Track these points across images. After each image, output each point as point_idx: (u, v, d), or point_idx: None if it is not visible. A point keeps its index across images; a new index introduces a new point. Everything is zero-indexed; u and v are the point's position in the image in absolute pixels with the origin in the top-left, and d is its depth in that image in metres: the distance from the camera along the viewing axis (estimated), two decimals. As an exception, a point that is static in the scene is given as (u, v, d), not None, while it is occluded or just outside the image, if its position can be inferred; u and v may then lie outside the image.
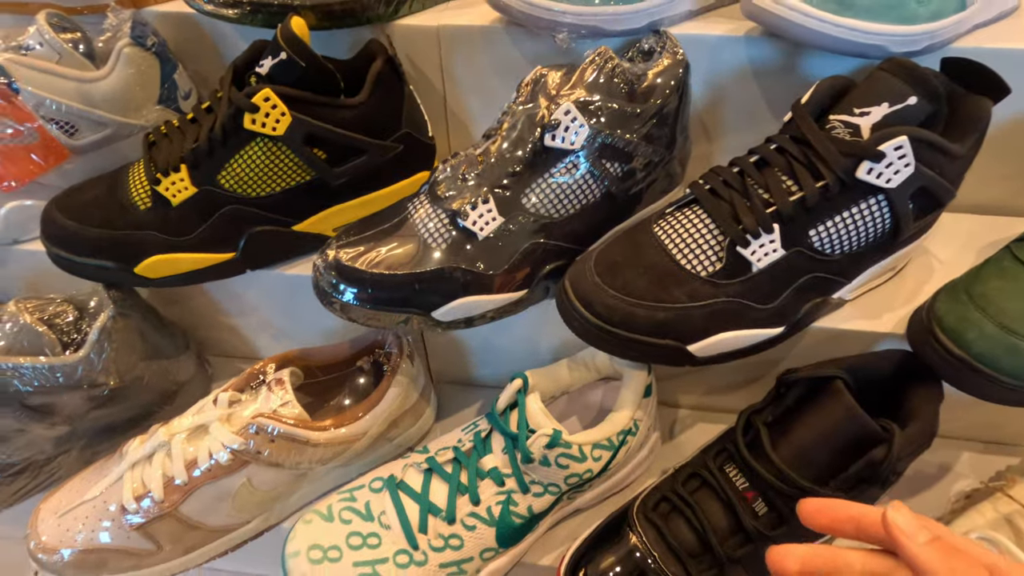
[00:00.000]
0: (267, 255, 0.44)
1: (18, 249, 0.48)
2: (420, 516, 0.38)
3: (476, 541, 0.38)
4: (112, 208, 0.41)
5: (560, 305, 0.38)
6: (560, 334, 0.48)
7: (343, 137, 0.41)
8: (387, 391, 0.43)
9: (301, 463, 0.41)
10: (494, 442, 0.40)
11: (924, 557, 0.22)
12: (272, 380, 0.41)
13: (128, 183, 0.42)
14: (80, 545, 0.39)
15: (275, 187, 0.42)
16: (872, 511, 0.24)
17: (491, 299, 0.39)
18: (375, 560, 0.37)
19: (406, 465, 0.41)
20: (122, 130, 0.45)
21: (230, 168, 0.40)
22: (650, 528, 0.37)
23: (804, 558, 0.24)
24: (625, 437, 0.41)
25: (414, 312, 0.38)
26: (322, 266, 0.38)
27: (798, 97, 0.37)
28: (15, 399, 0.41)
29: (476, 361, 0.52)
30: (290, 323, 0.51)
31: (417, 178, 0.46)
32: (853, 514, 0.24)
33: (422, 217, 0.39)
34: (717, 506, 0.37)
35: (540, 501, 0.39)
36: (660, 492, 0.39)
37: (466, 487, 0.39)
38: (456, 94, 0.49)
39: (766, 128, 0.40)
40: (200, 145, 0.40)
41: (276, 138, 0.39)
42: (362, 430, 0.42)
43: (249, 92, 0.38)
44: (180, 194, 0.41)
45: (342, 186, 0.43)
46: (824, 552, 0.24)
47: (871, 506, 0.24)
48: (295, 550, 0.37)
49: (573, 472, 0.39)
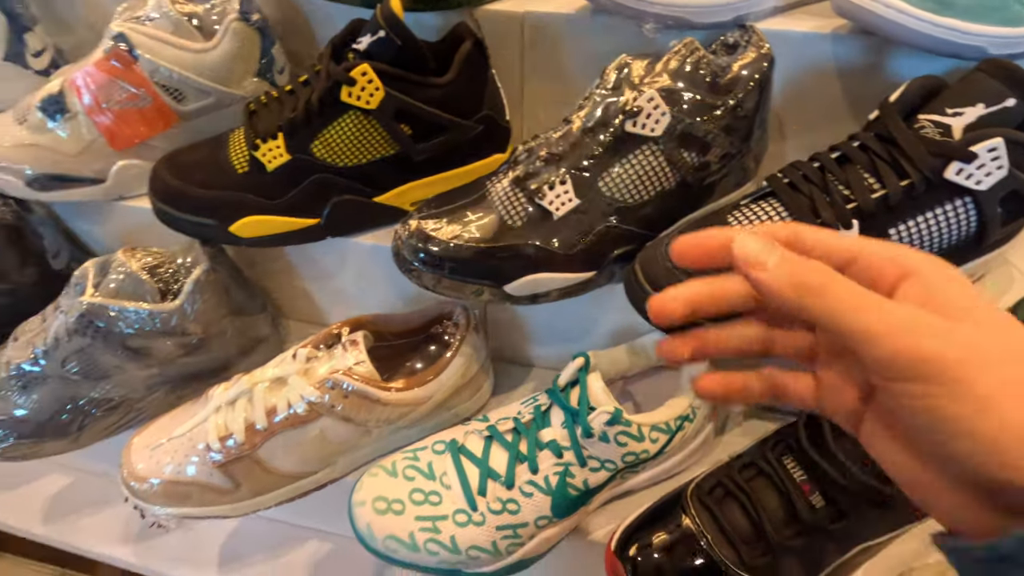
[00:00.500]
0: (347, 223, 0.47)
1: (122, 205, 0.52)
2: (480, 480, 0.40)
3: (532, 508, 0.40)
4: (213, 170, 0.45)
5: (628, 287, 0.39)
6: (619, 319, 0.50)
7: (429, 114, 0.42)
8: (453, 360, 0.45)
9: (369, 421, 0.43)
10: (553, 416, 0.41)
11: (770, 285, 0.21)
12: (347, 341, 0.44)
13: (228, 148, 0.45)
14: (168, 476, 0.43)
15: (362, 159, 0.44)
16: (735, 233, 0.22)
17: (561, 277, 0.40)
18: (435, 516, 0.39)
19: (467, 432, 0.43)
20: (224, 99, 0.49)
21: (323, 138, 0.43)
22: (704, 511, 0.38)
23: (686, 295, 0.23)
24: (682, 423, 0.42)
25: (487, 284, 0.40)
26: (404, 235, 0.40)
27: (886, 96, 0.37)
28: (118, 340, 0.45)
29: (534, 341, 0.54)
30: (361, 291, 0.53)
31: (492, 160, 0.48)
32: (723, 240, 0.22)
33: (500, 195, 0.41)
34: (773, 495, 0.37)
35: (596, 476, 0.40)
36: (715, 478, 0.39)
37: (525, 456, 0.40)
38: (534, 81, 0.50)
39: (844, 128, 0.40)
40: (297, 115, 0.42)
41: (369, 111, 0.41)
42: (427, 395, 0.44)
43: (348, 67, 0.40)
44: (275, 160, 0.43)
45: (423, 162, 0.45)
46: (702, 283, 0.24)
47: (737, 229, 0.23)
48: (361, 500, 0.40)
49: (630, 451, 0.40)
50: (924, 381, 0.19)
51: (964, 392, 0.18)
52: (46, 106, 0.47)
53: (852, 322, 0.20)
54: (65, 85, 0.47)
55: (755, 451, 0.40)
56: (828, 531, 0.36)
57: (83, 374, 0.46)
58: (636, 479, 0.43)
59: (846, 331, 0.20)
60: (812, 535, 0.36)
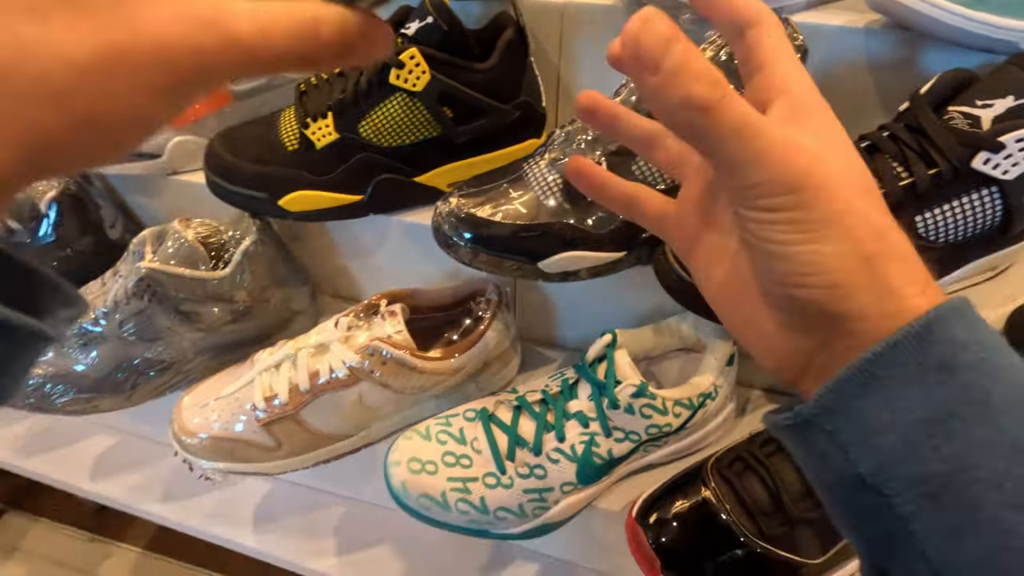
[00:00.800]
0: (389, 201, 0.49)
1: (175, 179, 0.55)
2: (509, 446, 0.42)
3: (558, 474, 0.42)
4: (265, 146, 0.47)
5: (658, 266, 0.41)
6: (643, 302, 0.51)
7: (472, 98, 0.45)
8: (485, 333, 0.47)
9: (405, 388, 0.46)
10: (580, 390, 0.43)
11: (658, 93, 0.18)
12: (385, 311, 0.46)
13: (279, 126, 0.48)
14: (216, 432, 0.46)
15: (405, 139, 0.46)
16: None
17: (592, 256, 0.42)
18: (466, 478, 0.41)
19: (497, 402, 0.45)
20: (274, 81, 0.51)
21: (370, 118, 0.45)
22: (723, 483, 0.40)
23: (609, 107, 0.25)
24: (704, 400, 0.44)
25: (522, 260, 0.42)
26: (445, 211, 0.42)
27: (916, 88, 0.38)
28: (172, 304, 0.48)
29: (560, 323, 0.56)
30: (397, 268, 0.55)
31: (527, 144, 0.50)
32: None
33: (537, 176, 0.42)
34: (791, 469, 0.39)
35: (620, 447, 0.42)
36: (735, 452, 0.41)
37: (552, 425, 0.42)
38: (570, 69, 0.52)
39: (873, 121, 0.41)
40: (347, 96, 0.45)
41: (415, 93, 0.44)
42: (460, 365, 0.46)
43: (397, 50, 0.42)
44: (324, 139, 0.46)
45: (462, 144, 0.47)
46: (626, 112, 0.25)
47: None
48: (397, 460, 0.42)
49: (654, 423, 0.42)
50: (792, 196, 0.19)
51: (823, 210, 0.19)
52: (111, 83, 0.50)
53: (738, 148, 0.19)
54: (129, 64, 0.50)
55: (775, 429, 0.41)
56: (844, 505, 0.37)
57: (138, 336, 0.49)
58: (658, 453, 0.45)
59: (730, 154, 0.19)
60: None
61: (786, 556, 0.38)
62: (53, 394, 0.50)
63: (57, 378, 0.50)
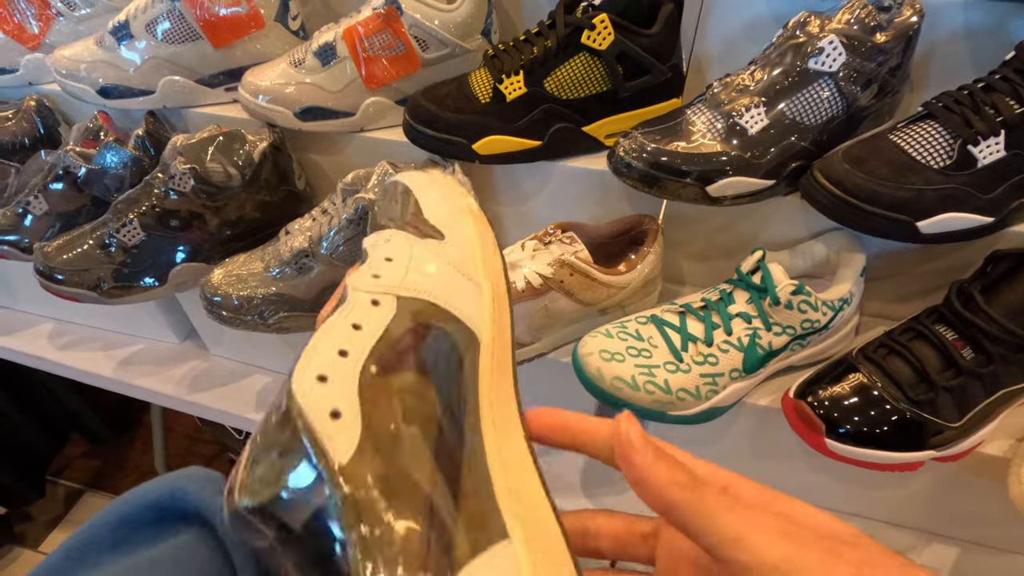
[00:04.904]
0: (561, 147, 0.58)
1: (364, 136, 0.64)
2: (681, 341, 0.50)
3: (728, 361, 0.50)
4: (461, 99, 0.56)
5: (809, 186, 0.49)
6: (772, 236, 0.60)
7: (642, 58, 0.54)
8: (648, 255, 0.55)
9: (583, 299, 0.54)
10: (737, 296, 0.52)
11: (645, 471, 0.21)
12: (564, 236, 0.55)
13: (470, 84, 0.57)
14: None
15: (580, 93, 0.55)
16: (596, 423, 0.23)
17: (749, 181, 0.51)
18: (650, 365, 0.49)
19: (663, 310, 0.53)
20: (456, 51, 0.61)
21: (555, 75, 0.54)
22: (870, 363, 0.48)
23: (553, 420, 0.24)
24: (843, 305, 0.52)
25: (691, 182, 0.51)
26: (627, 144, 0.51)
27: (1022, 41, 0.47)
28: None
29: (693, 259, 0.64)
30: (560, 207, 0.64)
31: (670, 103, 0.59)
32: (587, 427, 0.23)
33: (701, 118, 0.52)
34: (929, 350, 0.47)
35: (778, 340, 0.50)
36: (878, 341, 0.49)
37: (718, 324, 0.50)
38: (703, 40, 0.62)
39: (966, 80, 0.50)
40: (537, 56, 0.54)
41: (598, 52, 0.53)
42: (627, 281, 0.55)
43: (589, 16, 0.52)
44: (514, 92, 0.55)
45: (624, 99, 0.56)
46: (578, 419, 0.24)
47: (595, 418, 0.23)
48: (589, 351, 0.50)
49: (807, 318, 0.50)
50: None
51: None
52: (322, 52, 0.60)
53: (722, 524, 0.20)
54: (337, 36, 0.60)
55: (910, 322, 0.49)
56: (979, 374, 0.45)
57: (345, 260, 0.57)
58: (801, 353, 0.53)
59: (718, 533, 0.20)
60: (965, 376, 0.45)
61: (930, 418, 0.45)
62: (267, 313, 0.58)
63: (272, 299, 0.58)
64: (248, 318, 0.58)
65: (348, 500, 0.19)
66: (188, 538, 0.23)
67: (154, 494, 0.24)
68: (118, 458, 1.43)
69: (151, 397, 0.78)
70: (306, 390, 0.20)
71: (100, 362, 0.79)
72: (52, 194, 0.68)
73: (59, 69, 0.67)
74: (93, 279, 0.63)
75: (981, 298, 0.46)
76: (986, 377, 0.45)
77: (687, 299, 0.54)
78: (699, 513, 0.20)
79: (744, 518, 0.20)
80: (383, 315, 0.24)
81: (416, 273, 0.26)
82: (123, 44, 0.65)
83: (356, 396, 0.21)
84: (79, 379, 0.81)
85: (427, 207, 0.30)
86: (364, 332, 0.23)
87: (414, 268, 0.26)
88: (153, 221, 0.61)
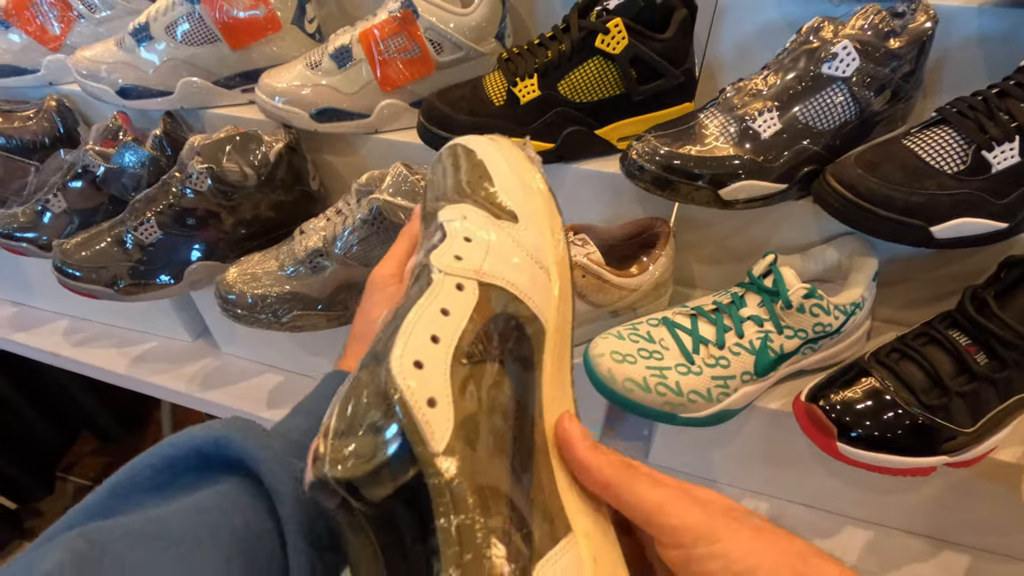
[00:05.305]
0: (573, 150, 0.58)
1: (378, 137, 0.65)
2: (693, 343, 0.50)
3: (739, 364, 0.50)
4: (475, 102, 0.57)
5: (821, 191, 0.50)
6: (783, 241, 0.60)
7: (655, 62, 0.54)
8: (660, 257, 0.56)
9: (595, 301, 0.54)
10: (749, 299, 0.52)
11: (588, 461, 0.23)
12: (576, 238, 0.55)
13: (484, 87, 0.58)
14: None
15: (594, 96, 0.56)
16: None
17: (762, 185, 0.51)
18: (661, 367, 0.49)
19: (674, 312, 0.53)
20: (470, 54, 0.62)
21: (569, 78, 0.55)
22: (883, 367, 0.48)
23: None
24: (855, 309, 0.52)
25: (703, 185, 0.51)
26: (639, 147, 0.52)
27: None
28: (395, 229, 0.57)
29: (705, 262, 0.64)
30: (573, 209, 0.64)
31: (682, 107, 0.59)
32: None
33: (714, 121, 0.52)
34: (943, 355, 0.47)
35: (789, 343, 0.50)
36: (890, 345, 0.49)
37: (729, 326, 0.50)
38: (716, 45, 0.62)
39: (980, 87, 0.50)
40: (551, 60, 0.55)
41: (612, 56, 0.53)
42: (639, 283, 0.55)
43: (603, 20, 0.52)
44: (528, 95, 0.56)
45: (637, 103, 0.57)
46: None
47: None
48: (600, 352, 0.50)
49: (819, 322, 0.50)
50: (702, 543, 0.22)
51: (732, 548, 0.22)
52: (338, 54, 0.61)
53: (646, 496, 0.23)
54: (354, 38, 0.61)
55: (922, 327, 0.49)
56: (992, 379, 0.45)
57: (359, 260, 0.58)
58: (813, 357, 0.53)
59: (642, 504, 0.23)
60: (979, 382, 0.45)
61: (943, 423, 0.45)
62: (280, 311, 0.59)
63: (285, 298, 0.58)
64: (262, 316, 0.59)
65: (440, 487, 0.20)
66: (231, 486, 0.24)
67: (199, 439, 0.25)
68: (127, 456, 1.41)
69: (163, 394, 0.78)
70: (406, 375, 0.21)
71: (114, 359, 0.80)
72: (71, 192, 0.69)
73: (80, 70, 0.69)
74: (110, 276, 0.64)
75: (995, 303, 0.46)
76: (1000, 382, 0.45)
77: (698, 302, 0.54)
78: (631, 490, 0.24)
79: (666, 492, 0.24)
80: (467, 301, 0.25)
81: (496, 258, 0.27)
82: (143, 45, 0.66)
83: (449, 385, 0.22)
84: (93, 375, 0.82)
85: (499, 182, 0.30)
86: (452, 319, 0.24)
87: (493, 253, 0.27)
88: (170, 220, 0.62)
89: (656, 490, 0.24)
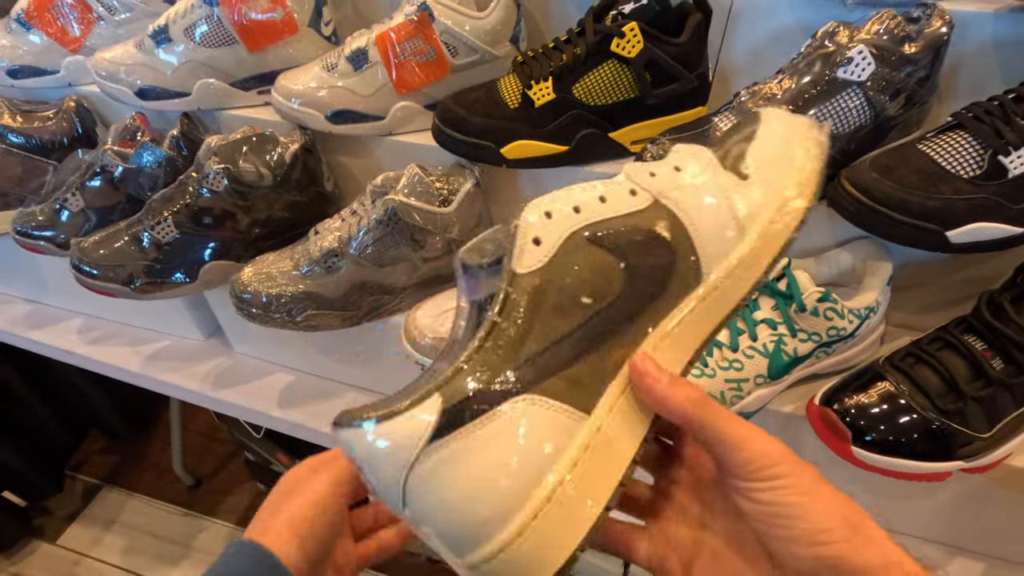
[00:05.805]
0: (587, 152, 0.59)
1: (392, 139, 0.65)
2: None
3: (753, 367, 0.50)
4: (490, 104, 0.57)
5: (836, 194, 0.50)
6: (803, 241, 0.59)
7: (670, 66, 0.55)
8: (673, 260, 0.56)
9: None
10: (762, 303, 0.52)
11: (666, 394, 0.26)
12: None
13: (499, 90, 0.58)
14: (442, 334, 0.54)
15: (608, 99, 0.56)
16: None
17: (777, 190, 0.51)
18: (675, 369, 0.50)
19: (687, 315, 0.53)
20: (485, 57, 0.62)
21: (584, 81, 0.55)
22: (897, 372, 0.47)
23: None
24: (869, 313, 0.52)
25: (720, 191, 0.51)
26: (654, 150, 0.52)
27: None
28: (408, 231, 0.57)
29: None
30: None
31: (695, 111, 0.60)
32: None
33: (728, 125, 0.52)
34: (958, 360, 0.46)
35: (803, 346, 0.50)
36: (905, 350, 0.49)
37: (743, 330, 0.50)
38: (729, 50, 0.63)
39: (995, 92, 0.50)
40: (567, 63, 0.55)
41: (627, 60, 0.54)
42: (652, 286, 0.55)
43: (619, 24, 0.53)
44: (543, 98, 0.56)
45: (651, 106, 0.57)
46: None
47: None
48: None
49: (833, 325, 0.50)
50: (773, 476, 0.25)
51: (797, 483, 0.25)
52: (354, 57, 0.62)
53: (727, 430, 0.25)
54: (370, 41, 0.61)
55: (938, 331, 0.49)
56: (1009, 385, 0.44)
57: (373, 260, 0.58)
58: (826, 361, 0.53)
59: (723, 437, 0.25)
60: (995, 387, 0.45)
61: (959, 428, 0.45)
62: (295, 310, 0.59)
63: (300, 297, 0.59)
64: (276, 315, 0.59)
65: (501, 296, 0.25)
66: None
67: None
68: (136, 455, 1.45)
69: (176, 392, 0.79)
70: (531, 216, 0.26)
71: (127, 357, 0.81)
72: (89, 191, 0.70)
73: (99, 71, 0.70)
74: (126, 274, 0.64)
75: (1012, 308, 0.46)
76: (1016, 388, 0.45)
77: (711, 305, 0.54)
78: (710, 423, 0.26)
79: (744, 428, 0.26)
80: (631, 204, 0.28)
81: (689, 192, 0.28)
82: (161, 47, 0.67)
83: (560, 240, 0.26)
84: (106, 373, 0.82)
85: (759, 142, 0.30)
86: (605, 206, 0.27)
87: (691, 187, 0.28)
88: (186, 219, 0.63)
89: (735, 426, 0.26)
